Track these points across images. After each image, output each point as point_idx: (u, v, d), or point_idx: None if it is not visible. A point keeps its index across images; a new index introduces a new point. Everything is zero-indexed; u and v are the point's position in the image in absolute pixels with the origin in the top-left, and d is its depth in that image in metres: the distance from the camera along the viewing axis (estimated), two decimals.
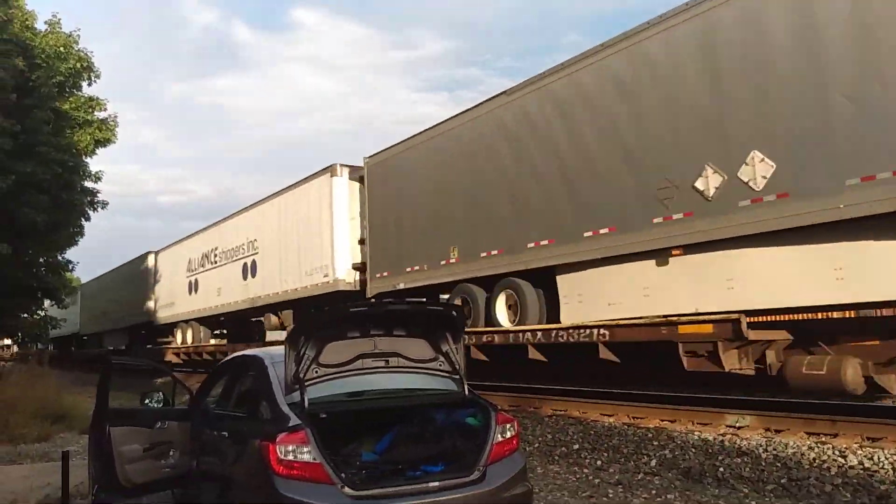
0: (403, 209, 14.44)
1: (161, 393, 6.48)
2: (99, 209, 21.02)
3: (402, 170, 14.57)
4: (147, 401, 6.31)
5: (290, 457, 4.26)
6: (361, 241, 15.82)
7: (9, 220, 16.99)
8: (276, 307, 19.61)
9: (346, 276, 16.13)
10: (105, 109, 20.35)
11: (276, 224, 19.15)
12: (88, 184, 20.49)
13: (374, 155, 15.44)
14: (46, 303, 24.16)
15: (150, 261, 29.41)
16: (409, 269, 14.11)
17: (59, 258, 21.51)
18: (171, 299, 27.05)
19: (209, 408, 5.99)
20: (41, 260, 20.45)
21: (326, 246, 16.47)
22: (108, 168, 40.13)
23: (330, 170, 16.63)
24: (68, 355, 41.70)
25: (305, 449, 4.28)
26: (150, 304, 29.04)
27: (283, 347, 4.83)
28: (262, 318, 20.82)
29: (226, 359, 6.76)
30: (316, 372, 4.77)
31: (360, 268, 15.83)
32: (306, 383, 4.68)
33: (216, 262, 23.19)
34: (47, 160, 17.29)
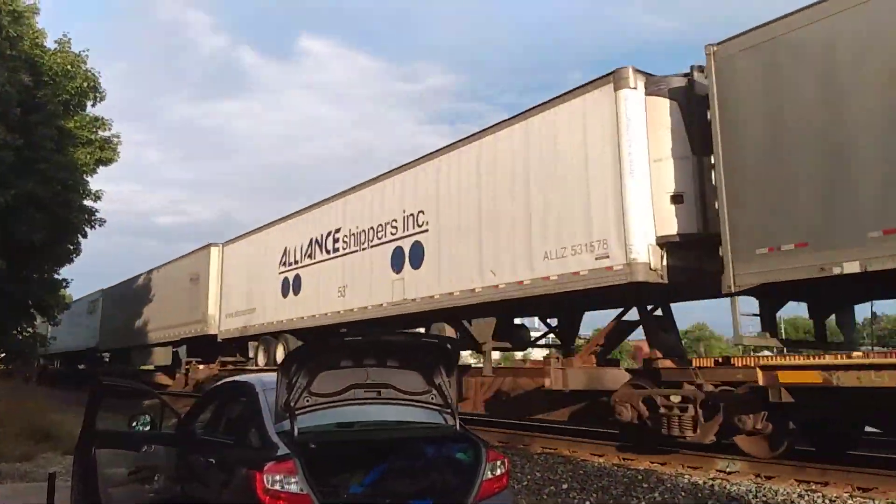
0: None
1: (149, 416, 6.42)
2: (97, 226, 21.04)
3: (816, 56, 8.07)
4: (134, 423, 6.24)
5: (277, 486, 4.21)
6: (678, 198, 9.67)
7: (6, 236, 16.97)
8: (462, 313, 12.89)
9: (647, 257, 9.65)
10: (109, 129, 20.52)
11: (475, 181, 12.45)
12: (88, 202, 20.54)
13: (748, 33, 8.80)
14: (38, 320, 23.95)
15: (214, 256, 23.21)
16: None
17: (55, 275, 21.39)
18: (247, 305, 20.79)
19: (197, 433, 5.93)
20: (35, 276, 20.35)
21: (606, 206, 10.05)
22: (108, 187, 39.80)
23: (613, 78, 10.18)
24: (73, 375, 37.61)
25: (293, 479, 4.23)
26: (212, 311, 22.83)
27: (274, 374, 4.81)
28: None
29: (216, 384, 6.71)
30: (307, 401, 4.74)
31: (678, 242, 9.68)
32: (297, 412, 4.64)
33: (337, 251, 16.52)
34: (47, 178, 17.33)
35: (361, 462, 5.19)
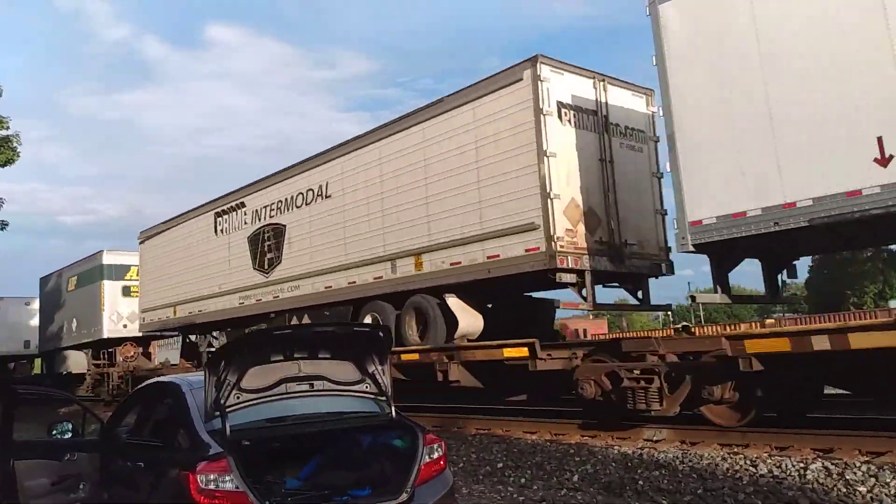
0: None
1: (69, 423, 6.15)
2: None
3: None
4: (54, 432, 5.98)
5: (212, 486, 4.12)
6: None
7: None
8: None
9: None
10: (7, 128, 19.44)
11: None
12: None
13: None
14: None
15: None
16: None
17: None
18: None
19: (122, 437, 5.74)
20: None
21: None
22: (6, 187, 37.87)
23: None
24: None
25: (228, 477, 4.15)
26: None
27: (199, 374, 4.70)
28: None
29: (139, 386, 6.50)
30: (238, 398, 4.65)
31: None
32: (227, 409, 4.55)
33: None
34: None
35: (297, 456, 5.14)
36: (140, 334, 23.15)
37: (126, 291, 24.78)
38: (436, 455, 4.86)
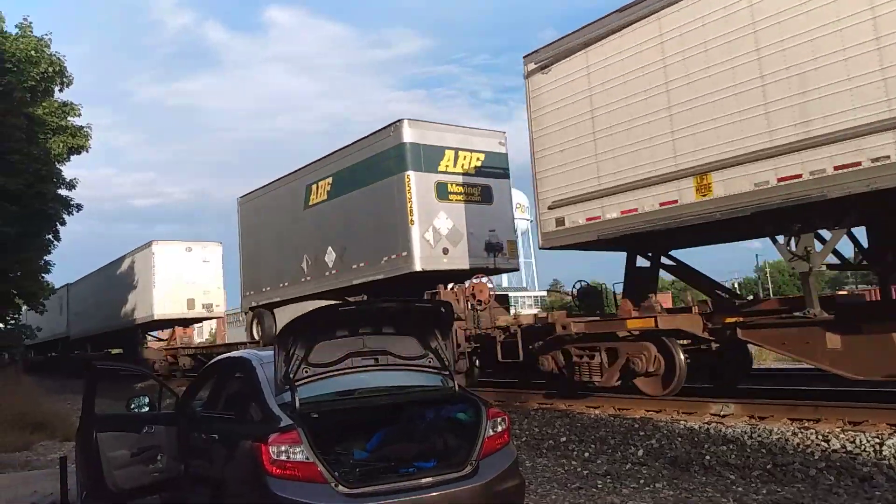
0: None
1: (146, 397, 6.41)
2: (74, 213, 20.80)
3: None
4: (133, 406, 6.24)
5: (283, 457, 4.24)
6: None
7: None
8: None
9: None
10: (79, 115, 20.13)
11: None
12: (63, 191, 20.26)
13: None
14: (23, 309, 23.75)
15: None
16: None
17: (38, 264, 21.10)
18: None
19: (196, 411, 5.95)
20: (16, 268, 20.09)
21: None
22: (81, 173, 39.27)
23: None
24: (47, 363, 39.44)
25: (298, 448, 4.27)
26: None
27: (270, 348, 4.82)
28: None
29: (212, 361, 6.71)
30: (306, 372, 4.77)
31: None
32: (296, 383, 4.67)
33: None
34: (19, 170, 16.99)
35: (363, 428, 5.25)
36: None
37: (442, 192, 14.41)
38: (499, 429, 4.88)
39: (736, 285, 44.57)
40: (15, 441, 11.67)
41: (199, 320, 29.69)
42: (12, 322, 23.13)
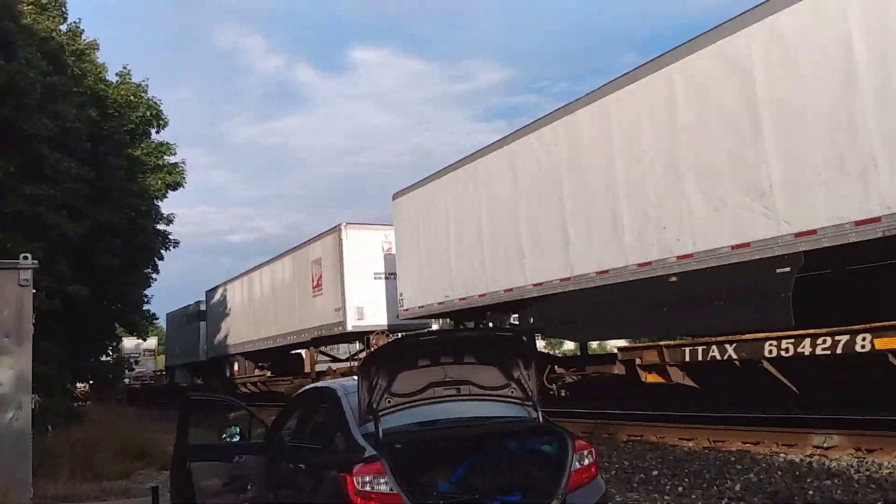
0: None
1: (238, 427, 6.56)
2: (171, 248, 21.84)
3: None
4: (224, 435, 6.40)
5: (368, 487, 4.25)
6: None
7: (85, 264, 17.66)
8: None
9: None
10: (174, 153, 21.20)
11: None
12: (161, 226, 21.30)
13: None
14: (125, 340, 24.82)
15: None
16: None
17: (139, 295, 22.16)
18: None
19: (284, 440, 6.04)
20: (118, 300, 21.13)
21: None
22: (181, 211, 41.18)
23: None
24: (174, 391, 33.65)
25: (382, 480, 4.26)
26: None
27: (354, 378, 4.86)
28: None
29: (299, 391, 6.82)
30: (389, 402, 4.77)
31: None
32: (380, 413, 4.68)
33: None
34: (121, 205, 17.99)
35: (447, 459, 5.20)
36: None
37: None
38: (586, 462, 4.74)
39: None
40: (118, 469, 12.15)
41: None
42: (113, 357, 23.87)
